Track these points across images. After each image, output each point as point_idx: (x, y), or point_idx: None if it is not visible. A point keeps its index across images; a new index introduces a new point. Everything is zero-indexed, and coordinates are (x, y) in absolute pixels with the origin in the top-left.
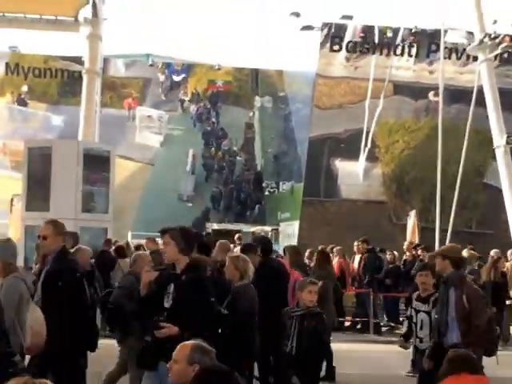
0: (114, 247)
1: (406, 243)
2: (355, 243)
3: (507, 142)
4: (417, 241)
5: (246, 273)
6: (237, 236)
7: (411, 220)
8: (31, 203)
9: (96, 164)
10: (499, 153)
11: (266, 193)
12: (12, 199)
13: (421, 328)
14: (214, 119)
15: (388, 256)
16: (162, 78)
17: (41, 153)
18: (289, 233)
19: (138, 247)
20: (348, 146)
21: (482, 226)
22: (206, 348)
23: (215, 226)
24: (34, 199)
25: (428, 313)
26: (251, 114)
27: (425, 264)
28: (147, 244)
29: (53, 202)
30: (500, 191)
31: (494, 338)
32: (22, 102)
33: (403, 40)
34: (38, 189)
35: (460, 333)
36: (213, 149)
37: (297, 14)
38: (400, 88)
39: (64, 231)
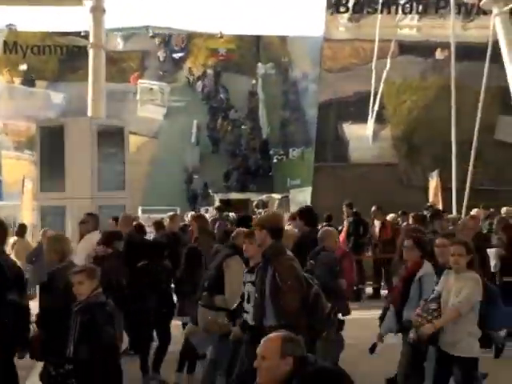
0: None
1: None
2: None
3: None
4: (440, 202)
5: (65, 254)
6: (255, 204)
7: (434, 181)
8: (45, 184)
9: (110, 141)
10: None
11: (274, 160)
12: (23, 180)
13: (247, 301)
14: (221, 95)
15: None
16: (162, 55)
17: (53, 132)
18: (300, 200)
19: (159, 224)
20: (357, 109)
21: (496, 183)
22: (295, 337)
23: (222, 197)
24: (48, 179)
25: (254, 283)
26: (254, 81)
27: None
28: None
29: (68, 181)
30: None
31: (320, 317)
32: (26, 81)
33: None
34: (51, 169)
35: (274, 313)
36: (219, 120)
37: None
38: (406, 47)
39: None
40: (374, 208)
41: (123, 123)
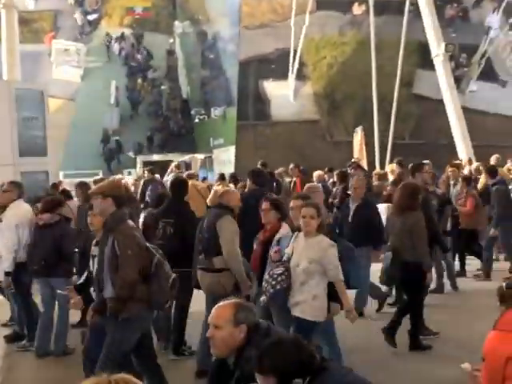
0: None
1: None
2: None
3: (446, 50)
4: (364, 158)
5: None
6: (174, 164)
7: (358, 136)
8: None
9: (28, 105)
10: (438, 61)
11: (196, 120)
12: None
13: None
14: (139, 55)
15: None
16: (79, 18)
17: None
18: (224, 159)
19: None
20: (278, 67)
21: (415, 137)
22: (247, 304)
23: (144, 159)
24: None
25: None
26: (171, 40)
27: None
28: None
29: None
30: (429, 100)
31: (161, 288)
32: None
33: None
34: None
35: (112, 285)
36: (138, 80)
37: None
38: (324, 3)
39: None
40: (291, 166)
41: (42, 86)
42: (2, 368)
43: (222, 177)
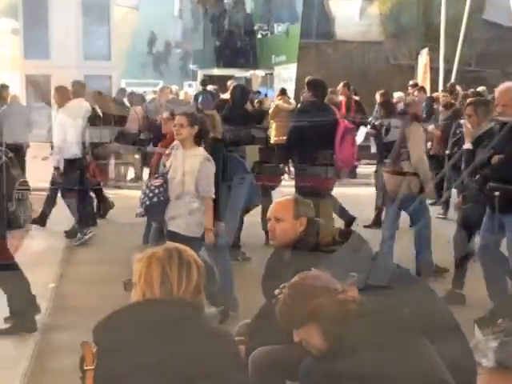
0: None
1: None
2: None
3: None
4: (428, 82)
5: None
6: (229, 83)
7: (423, 59)
8: (30, 51)
9: (95, 8)
10: None
11: (259, 36)
12: None
13: None
14: None
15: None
16: None
17: None
18: (284, 77)
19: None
20: None
21: (482, 64)
22: (305, 200)
23: (205, 72)
24: (32, 46)
25: None
26: None
27: None
28: None
29: (53, 48)
30: (500, 27)
31: None
32: None
33: None
34: (36, 35)
35: None
36: None
37: None
38: None
39: None
40: (340, 84)
41: None
42: (62, 261)
43: (282, 91)
